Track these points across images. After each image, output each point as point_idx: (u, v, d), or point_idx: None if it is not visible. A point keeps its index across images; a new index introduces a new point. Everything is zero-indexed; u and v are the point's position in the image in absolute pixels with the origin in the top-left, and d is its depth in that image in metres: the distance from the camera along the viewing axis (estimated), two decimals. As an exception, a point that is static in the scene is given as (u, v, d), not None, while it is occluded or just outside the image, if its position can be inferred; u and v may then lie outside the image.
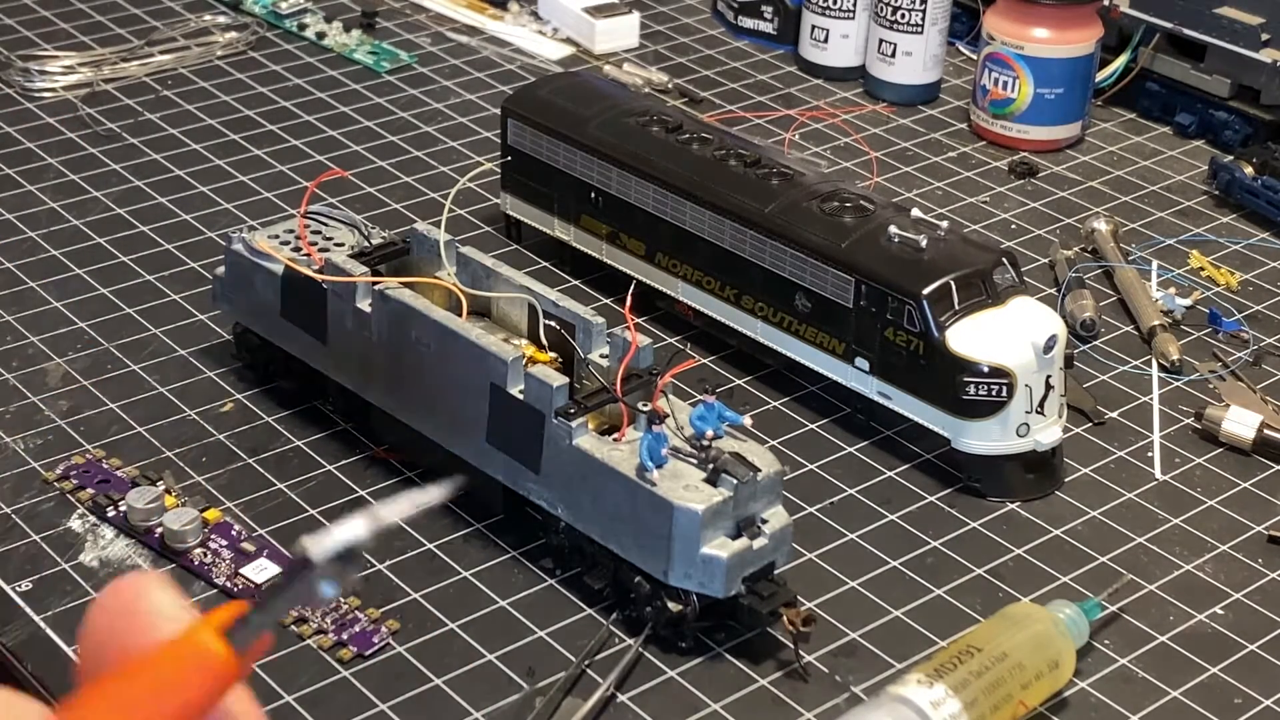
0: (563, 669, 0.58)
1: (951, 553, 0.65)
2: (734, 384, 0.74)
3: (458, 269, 0.65)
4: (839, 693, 0.58)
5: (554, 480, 0.60)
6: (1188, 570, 0.65)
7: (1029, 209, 0.89)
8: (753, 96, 1.00)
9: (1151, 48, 0.96)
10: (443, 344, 0.61)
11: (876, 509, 0.67)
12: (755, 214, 0.71)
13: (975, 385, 0.66)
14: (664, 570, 0.57)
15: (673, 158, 0.75)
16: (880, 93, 1.00)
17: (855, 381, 0.69)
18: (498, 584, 0.62)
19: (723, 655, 0.59)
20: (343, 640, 0.58)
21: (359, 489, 0.66)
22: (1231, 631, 0.62)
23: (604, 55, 1.04)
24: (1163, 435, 0.72)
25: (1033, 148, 0.95)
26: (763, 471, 0.57)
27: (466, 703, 0.56)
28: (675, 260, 0.75)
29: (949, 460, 0.69)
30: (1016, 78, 0.92)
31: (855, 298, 0.68)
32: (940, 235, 0.69)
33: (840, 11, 1.00)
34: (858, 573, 0.63)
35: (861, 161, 0.93)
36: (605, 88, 0.83)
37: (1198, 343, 0.78)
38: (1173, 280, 0.83)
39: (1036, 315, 0.67)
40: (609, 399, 0.59)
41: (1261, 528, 0.67)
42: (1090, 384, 0.75)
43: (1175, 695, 0.59)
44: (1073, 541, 0.66)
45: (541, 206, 0.80)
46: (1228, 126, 0.95)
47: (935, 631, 0.61)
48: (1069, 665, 0.57)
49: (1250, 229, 0.88)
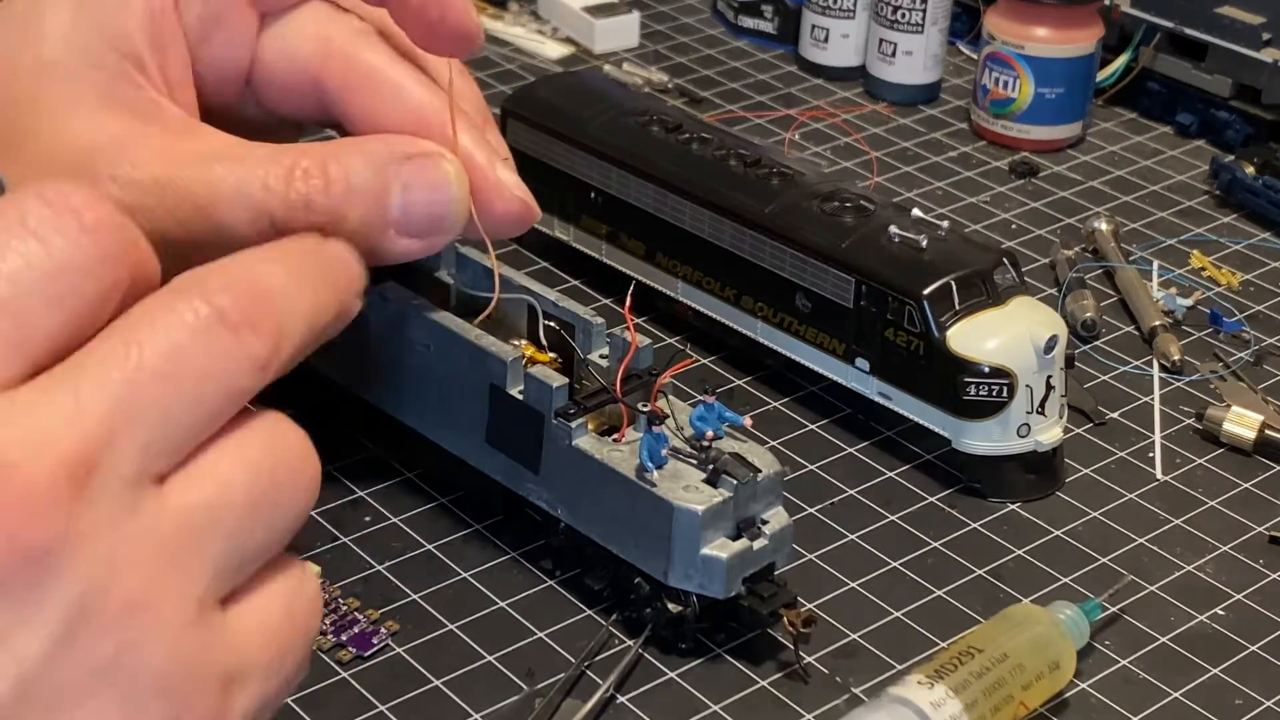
0: (562, 670, 0.58)
1: (952, 553, 0.65)
2: (734, 384, 0.74)
3: (458, 269, 0.65)
4: (839, 694, 0.58)
5: (553, 481, 0.59)
6: (1189, 571, 0.65)
7: (1029, 209, 0.89)
8: (753, 96, 1.00)
9: (1152, 47, 0.96)
10: (442, 344, 0.61)
11: (877, 509, 0.67)
12: (755, 214, 0.71)
13: (976, 385, 0.66)
14: (664, 571, 0.57)
15: (673, 158, 0.75)
16: (880, 92, 0.99)
17: (855, 382, 0.69)
18: (497, 585, 0.62)
19: (723, 656, 0.59)
20: (342, 641, 0.58)
21: (358, 489, 0.66)
22: (1232, 632, 0.62)
23: (604, 55, 1.04)
24: (1163, 436, 0.72)
25: (1033, 147, 0.95)
26: (763, 472, 0.57)
27: (466, 704, 0.56)
28: (675, 260, 0.75)
29: (949, 461, 0.69)
30: (1017, 77, 0.92)
31: (855, 298, 0.68)
32: (940, 235, 0.69)
33: (840, 11, 1.00)
34: (858, 573, 0.63)
35: (861, 161, 0.93)
36: (605, 88, 0.83)
37: (1199, 343, 0.78)
38: (1174, 280, 0.82)
39: (1037, 315, 0.67)
40: (609, 399, 0.59)
41: (1263, 528, 0.67)
42: (1091, 384, 0.75)
43: (1176, 696, 0.59)
44: (1073, 542, 0.66)
45: (541, 206, 0.79)
46: (1229, 126, 0.95)
47: (936, 632, 0.61)
48: (1069, 666, 0.57)
49: (1251, 229, 0.88)
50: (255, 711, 0.42)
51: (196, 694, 0.40)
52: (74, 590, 0.37)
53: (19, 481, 0.36)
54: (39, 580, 0.37)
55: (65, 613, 0.37)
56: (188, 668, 0.39)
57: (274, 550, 0.43)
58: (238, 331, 0.40)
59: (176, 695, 0.39)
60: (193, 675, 0.39)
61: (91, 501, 0.37)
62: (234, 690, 0.41)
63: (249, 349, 0.40)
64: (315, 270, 0.43)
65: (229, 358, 0.40)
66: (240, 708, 0.41)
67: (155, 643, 0.38)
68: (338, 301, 0.44)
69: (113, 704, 0.38)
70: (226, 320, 0.40)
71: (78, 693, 0.37)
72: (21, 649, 0.37)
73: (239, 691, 0.41)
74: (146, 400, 0.39)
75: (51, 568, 0.37)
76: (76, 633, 0.37)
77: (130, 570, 0.38)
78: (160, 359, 0.39)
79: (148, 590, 0.38)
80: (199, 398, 0.39)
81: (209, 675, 0.40)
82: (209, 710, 0.40)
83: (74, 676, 0.37)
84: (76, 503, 0.37)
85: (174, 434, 0.39)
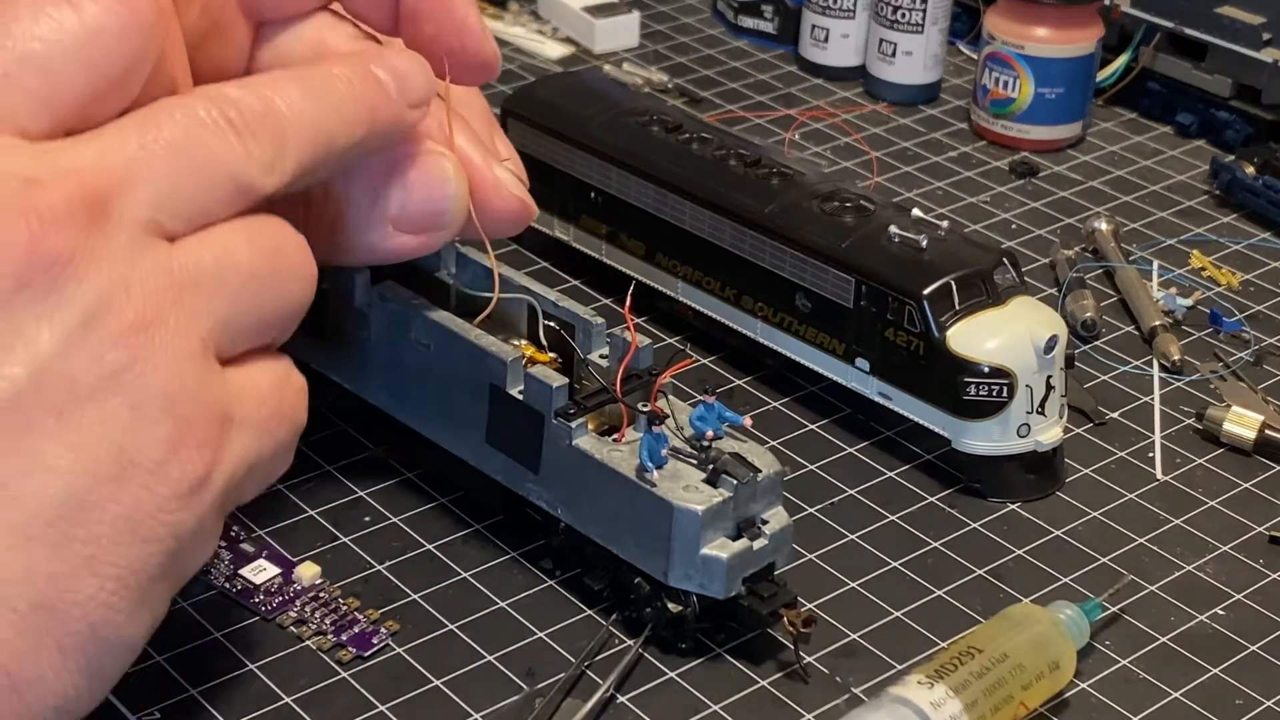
0: (562, 670, 0.58)
1: (952, 553, 0.65)
2: (734, 384, 0.74)
3: (458, 269, 0.65)
4: (839, 694, 0.58)
5: (553, 481, 0.59)
6: (1189, 571, 0.65)
7: (1029, 209, 0.89)
8: (753, 96, 1.00)
9: (1152, 47, 0.96)
10: (442, 344, 0.61)
11: (877, 509, 0.67)
12: (755, 214, 0.71)
13: (976, 385, 0.66)
14: (664, 571, 0.57)
15: (673, 158, 0.75)
16: (880, 92, 0.99)
17: (855, 382, 0.69)
18: (497, 585, 0.62)
19: (723, 656, 0.59)
20: (342, 641, 0.58)
21: (358, 489, 0.66)
22: (1233, 632, 0.62)
23: (604, 55, 1.04)
24: (1164, 435, 0.72)
25: (1033, 147, 0.95)
26: (763, 472, 0.57)
27: (466, 704, 0.56)
28: (675, 260, 0.75)
29: (949, 460, 0.69)
30: (1017, 77, 0.92)
31: (855, 298, 0.68)
32: (940, 235, 0.69)
33: (840, 11, 1.00)
34: (858, 573, 0.63)
35: (861, 161, 0.93)
36: (605, 88, 0.83)
37: (1199, 343, 0.78)
38: (1174, 280, 0.82)
39: (1037, 315, 0.67)
40: (609, 399, 0.59)
41: (1263, 528, 0.67)
42: (1091, 384, 0.75)
43: (1176, 696, 0.59)
44: (1073, 542, 0.66)
45: (541, 206, 0.79)
46: (1229, 126, 0.95)
47: (936, 632, 0.61)
48: (1069, 666, 0.57)
49: (1251, 229, 0.88)
50: (246, 465, 0.47)
51: (197, 421, 0.45)
52: (89, 298, 0.42)
53: (44, 196, 0.42)
54: (58, 283, 0.42)
55: (81, 316, 0.42)
56: (191, 393, 0.44)
57: (270, 334, 0.49)
58: (242, 134, 0.46)
59: (179, 418, 0.44)
60: (195, 403, 0.44)
61: (107, 232, 0.43)
62: (231, 431, 0.46)
63: (253, 150, 0.46)
64: (334, 93, 0.50)
65: (234, 153, 0.46)
66: (233, 452, 0.46)
67: (162, 362, 0.44)
68: (366, 121, 0.51)
69: (123, 409, 0.43)
70: (233, 125, 0.46)
71: (90, 391, 0.42)
72: (41, 343, 0.42)
73: (235, 434, 0.46)
74: (160, 165, 0.44)
75: (70, 276, 0.42)
76: (90, 335, 0.42)
77: (141, 296, 0.43)
78: (173, 137, 0.45)
79: (157, 314, 0.44)
80: (208, 178, 0.45)
81: (209, 408, 0.45)
82: (208, 438, 0.45)
83: (86, 375, 0.42)
84: (94, 227, 0.43)
85: (184, 201, 0.45)
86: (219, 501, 0.46)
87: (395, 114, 0.52)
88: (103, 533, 0.43)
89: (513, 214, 0.59)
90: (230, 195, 0.46)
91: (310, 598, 0.60)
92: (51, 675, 0.43)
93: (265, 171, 0.47)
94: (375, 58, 0.52)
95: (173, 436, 0.44)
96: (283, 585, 0.60)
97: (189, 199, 0.45)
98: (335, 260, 0.58)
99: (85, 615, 0.43)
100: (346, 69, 0.51)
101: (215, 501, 0.46)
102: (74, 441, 0.42)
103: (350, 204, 0.55)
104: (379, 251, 0.57)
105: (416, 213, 0.56)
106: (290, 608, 0.59)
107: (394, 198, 0.55)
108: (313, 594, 0.60)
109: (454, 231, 0.57)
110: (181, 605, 0.59)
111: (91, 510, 0.43)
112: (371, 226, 0.56)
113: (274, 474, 0.50)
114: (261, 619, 0.59)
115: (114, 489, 0.43)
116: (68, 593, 0.43)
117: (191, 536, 0.45)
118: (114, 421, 0.43)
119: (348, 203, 0.55)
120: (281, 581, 0.60)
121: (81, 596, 0.43)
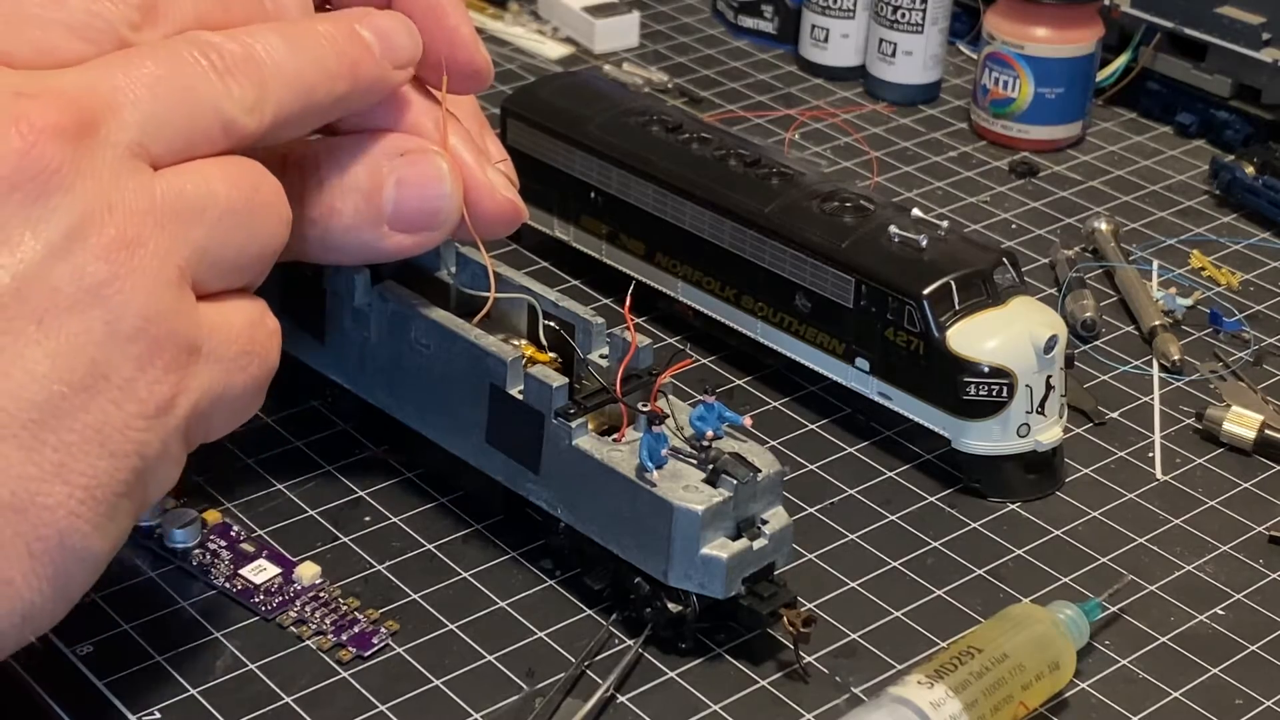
0: (562, 670, 0.58)
1: (952, 553, 0.65)
2: (734, 384, 0.74)
3: (458, 269, 0.65)
4: (839, 694, 0.58)
5: (553, 481, 0.59)
6: (1188, 571, 0.65)
7: (1029, 209, 0.89)
8: (753, 96, 1.00)
9: (1152, 47, 0.96)
10: (442, 344, 0.61)
11: (876, 509, 0.67)
12: (755, 214, 0.71)
13: (975, 385, 0.66)
14: (664, 571, 0.57)
15: (673, 158, 0.75)
16: (880, 92, 0.99)
17: (855, 382, 0.69)
18: (497, 585, 0.62)
19: (723, 656, 0.59)
20: (342, 641, 0.58)
21: (358, 489, 0.66)
22: (1232, 632, 0.62)
23: (604, 55, 1.04)
24: (1163, 435, 0.72)
25: (1033, 147, 0.95)
26: (763, 472, 0.57)
27: (466, 704, 0.56)
28: (675, 260, 0.75)
29: (949, 460, 0.69)
30: (1017, 77, 0.92)
31: (855, 298, 0.68)
32: (940, 235, 0.69)
33: (840, 11, 1.00)
34: (858, 573, 0.63)
35: (861, 161, 0.93)
36: (605, 88, 0.83)
37: (1199, 343, 0.78)
38: (1173, 280, 0.82)
39: (1037, 315, 0.67)
40: (609, 399, 0.59)
41: (1262, 528, 0.67)
42: (1091, 384, 0.75)
43: (1176, 696, 0.59)
44: (1073, 542, 0.66)
45: (541, 206, 0.80)
46: (1229, 126, 0.95)
47: (936, 632, 0.61)
48: (1069, 666, 0.57)
49: (1251, 229, 0.88)
50: (212, 397, 0.49)
51: (166, 346, 0.46)
52: (75, 211, 0.44)
53: (35, 109, 0.44)
54: (46, 192, 0.44)
55: (65, 228, 0.44)
56: (164, 317, 0.46)
57: (246, 275, 0.50)
58: (223, 75, 0.48)
59: (151, 339, 0.46)
60: (166, 327, 0.46)
61: (94, 150, 0.45)
62: (197, 362, 0.47)
63: (234, 90, 0.48)
64: (316, 46, 0.51)
65: (216, 91, 0.48)
66: (200, 382, 0.48)
67: (140, 282, 0.45)
68: (348, 76, 0.52)
69: (99, 323, 0.44)
70: (215, 66, 0.48)
71: (70, 302, 0.44)
72: (25, 250, 0.44)
73: (201, 366, 0.48)
74: (145, 93, 0.46)
75: (57, 187, 0.44)
76: (73, 247, 0.44)
77: (124, 215, 0.45)
78: (158, 72, 0.47)
79: (138, 235, 0.45)
80: (192, 109, 0.47)
81: (179, 335, 0.47)
82: (174, 364, 0.46)
83: (67, 286, 0.44)
84: (82, 143, 0.44)
85: (169, 129, 0.47)
86: (183, 427, 0.48)
87: (378, 73, 0.53)
88: (73, 440, 0.44)
89: (504, 215, 0.59)
90: (213, 129, 0.48)
91: (310, 598, 0.60)
92: (20, 579, 0.44)
93: (246, 111, 0.49)
94: (360, 17, 0.53)
95: (142, 356, 0.45)
96: (283, 585, 0.60)
97: (174, 127, 0.47)
98: (332, 260, 0.58)
99: (55, 521, 0.44)
100: (330, 25, 0.52)
101: (180, 426, 0.47)
102: (51, 349, 0.44)
103: (345, 202, 0.56)
104: (375, 250, 0.57)
105: (412, 211, 0.56)
106: (290, 608, 0.59)
107: (389, 196, 0.56)
108: (313, 594, 0.60)
109: (448, 230, 0.57)
110: (181, 605, 0.59)
111: (63, 418, 0.44)
112: (367, 225, 0.56)
113: (243, 413, 0.51)
114: (261, 619, 0.59)
115: (85, 399, 0.44)
116: (39, 495, 0.44)
117: (156, 458, 0.47)
118: (90, 334, 0.44)
119: (343, 201, 0.56)
120: (281, 581, 0.60)
121: (52, 502, 0.44)
